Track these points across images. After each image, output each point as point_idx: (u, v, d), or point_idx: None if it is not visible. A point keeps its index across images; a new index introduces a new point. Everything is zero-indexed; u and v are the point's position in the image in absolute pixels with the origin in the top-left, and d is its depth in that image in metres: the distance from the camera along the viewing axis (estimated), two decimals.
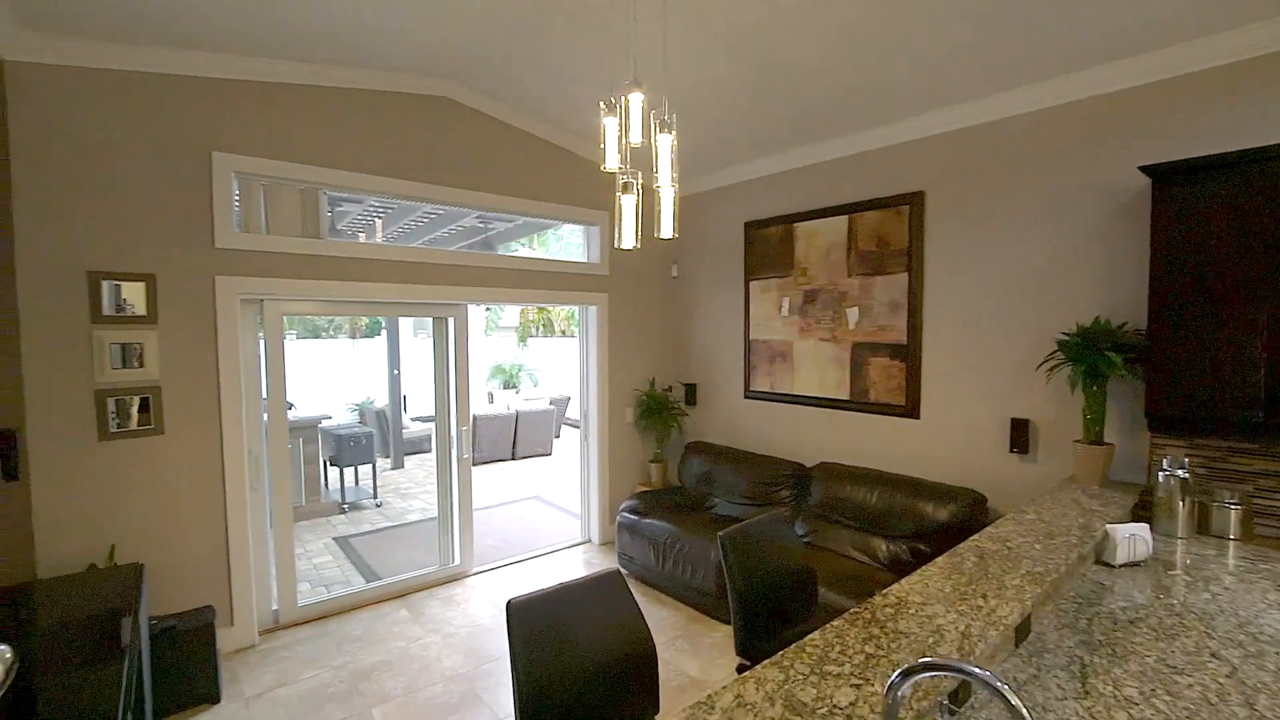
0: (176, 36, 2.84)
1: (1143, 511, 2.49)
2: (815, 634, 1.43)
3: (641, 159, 2.29)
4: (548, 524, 5.64)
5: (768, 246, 4.39)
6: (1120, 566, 2.09)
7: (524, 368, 14.74)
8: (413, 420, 8.95)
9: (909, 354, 3.58)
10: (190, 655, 2.80)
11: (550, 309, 17.17)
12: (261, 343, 3.42)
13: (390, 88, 3.59)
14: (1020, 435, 3.10)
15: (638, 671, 1.58)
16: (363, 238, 5.55)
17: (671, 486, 4.85)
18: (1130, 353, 2.55)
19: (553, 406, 9.69)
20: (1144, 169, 2.44)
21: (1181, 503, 2.36)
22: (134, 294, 2.95)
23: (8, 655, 1.55)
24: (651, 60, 2.76)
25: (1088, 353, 2.59)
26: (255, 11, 2.70)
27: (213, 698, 2.85)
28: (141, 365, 2.98)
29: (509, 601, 1.44)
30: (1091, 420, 2.68)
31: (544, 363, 15.86)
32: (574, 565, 4.64)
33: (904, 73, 3.01)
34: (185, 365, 3.09)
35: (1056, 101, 2.93)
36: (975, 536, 2.08)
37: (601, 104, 2.21)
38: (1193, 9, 2.33)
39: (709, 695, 1.21)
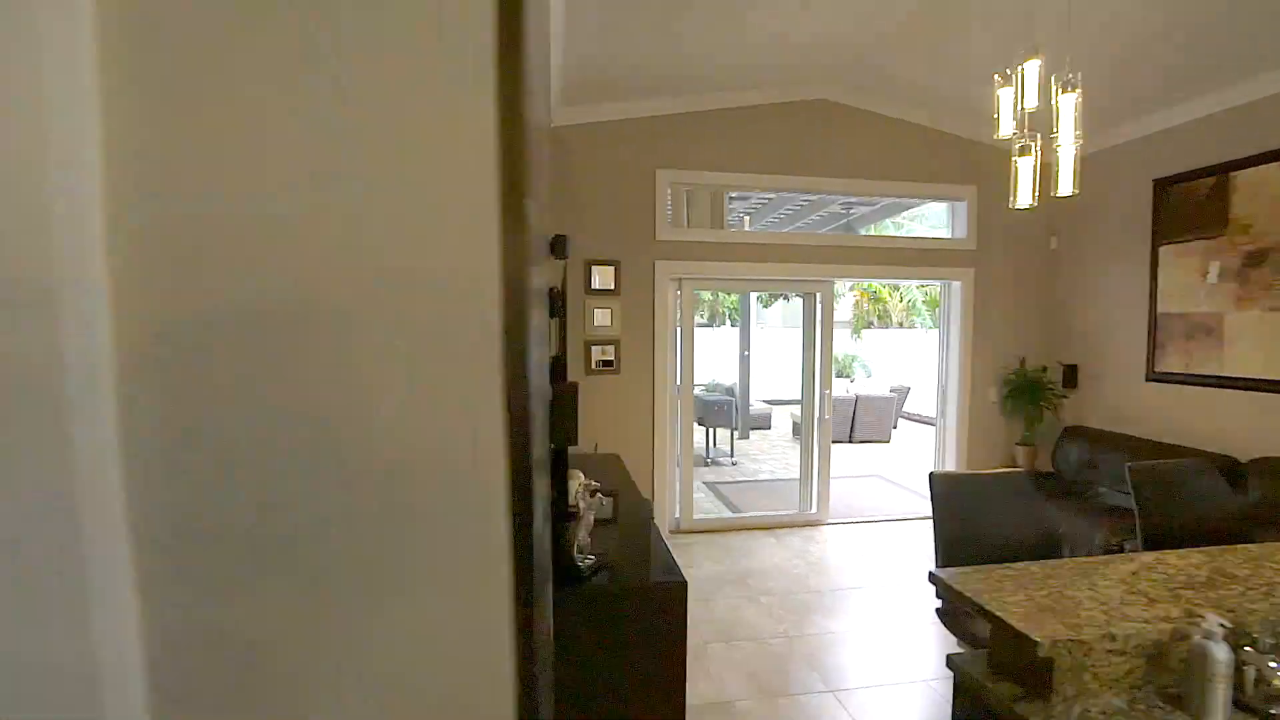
0: (634, 91, 4.01)
1: None
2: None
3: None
4: (891, 499, 5.80)
5: (1187, 204, 3.80)
6: None
7: (857, 359, 14.71)
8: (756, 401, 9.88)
9: None
10: None
11: (889, 300, 16.67)
12: (678, 313, 4.51)
13: (779, 99, 4.31)
14: None
15: (1041, 557, 1.83)
16: (747, 223, 6.54)
17: (1041, 472, 4.55)
18: None
19: (893, 395, 9.57)
20: None
21: None
22: (607, 276, 4.26)
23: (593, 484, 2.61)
24: (1052, 20, 2.79)
25: None
26: (689, 66, 3.65)
27: None
28: (610, 324, 4.28)
29: (931, 472, 1.86)
30: None
31: (877, 354, 15.52)
32: (924, 535, 4.75)
33: None
34: (634, 326, 4.31)
35: None
36: None
37: (996, 76, 2.43)
38: None
39: (1129, 553, 1.44)
